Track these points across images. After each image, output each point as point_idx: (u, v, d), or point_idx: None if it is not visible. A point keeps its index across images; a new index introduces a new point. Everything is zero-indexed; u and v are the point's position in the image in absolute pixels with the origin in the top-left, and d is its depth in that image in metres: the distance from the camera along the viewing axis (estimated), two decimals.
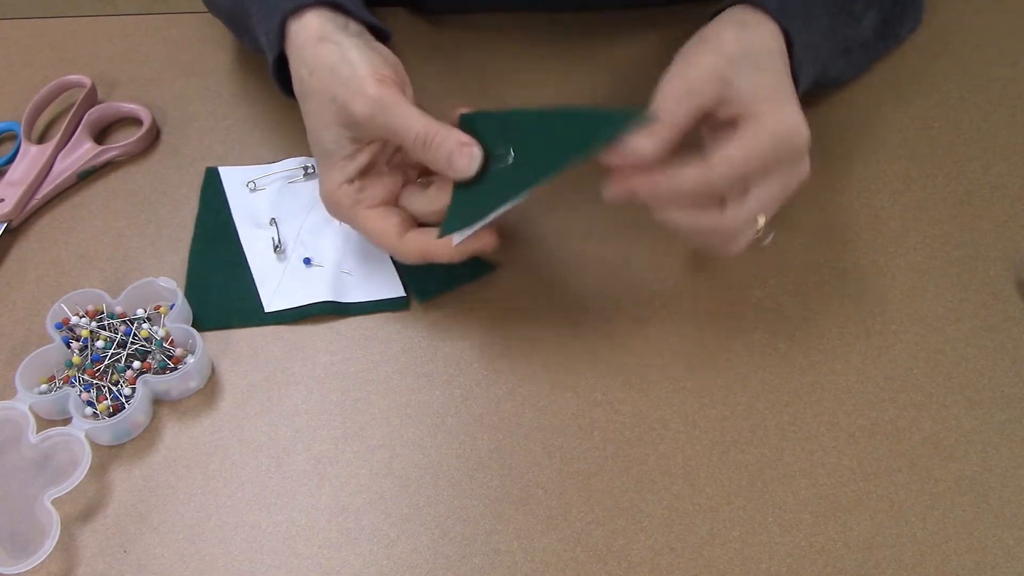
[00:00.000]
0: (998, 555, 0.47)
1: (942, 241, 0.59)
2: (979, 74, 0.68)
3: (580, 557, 0.47)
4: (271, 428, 0.52)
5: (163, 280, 0.55)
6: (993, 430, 0.51)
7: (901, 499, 0.49)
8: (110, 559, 0.47)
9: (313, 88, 0.51)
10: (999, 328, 0.55)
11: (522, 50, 0.69)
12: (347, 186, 0.52)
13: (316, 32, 0.52)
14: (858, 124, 0.65)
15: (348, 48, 0.51)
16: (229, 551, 0.48)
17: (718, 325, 0.55)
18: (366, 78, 0.50)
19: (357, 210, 0.53)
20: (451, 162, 0.49)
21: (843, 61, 0.61)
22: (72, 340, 0.53)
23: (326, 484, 0.50)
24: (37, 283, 0.58)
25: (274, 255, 0.58)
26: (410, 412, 0.52)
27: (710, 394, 0.53)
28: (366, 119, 0.50)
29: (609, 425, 0.52)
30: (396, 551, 0.48)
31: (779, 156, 0.48)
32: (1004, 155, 0.63)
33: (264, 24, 0.56)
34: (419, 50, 0.70)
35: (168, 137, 0.66)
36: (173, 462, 0.51)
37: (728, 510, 0.49)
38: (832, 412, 0.52)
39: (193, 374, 0.52)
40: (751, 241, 0.51)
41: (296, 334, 0.55)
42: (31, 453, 0.49)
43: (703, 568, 0.47)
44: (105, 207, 0.62)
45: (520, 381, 0.53)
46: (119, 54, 0.70)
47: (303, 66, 0.52)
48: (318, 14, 0.53)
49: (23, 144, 0.63)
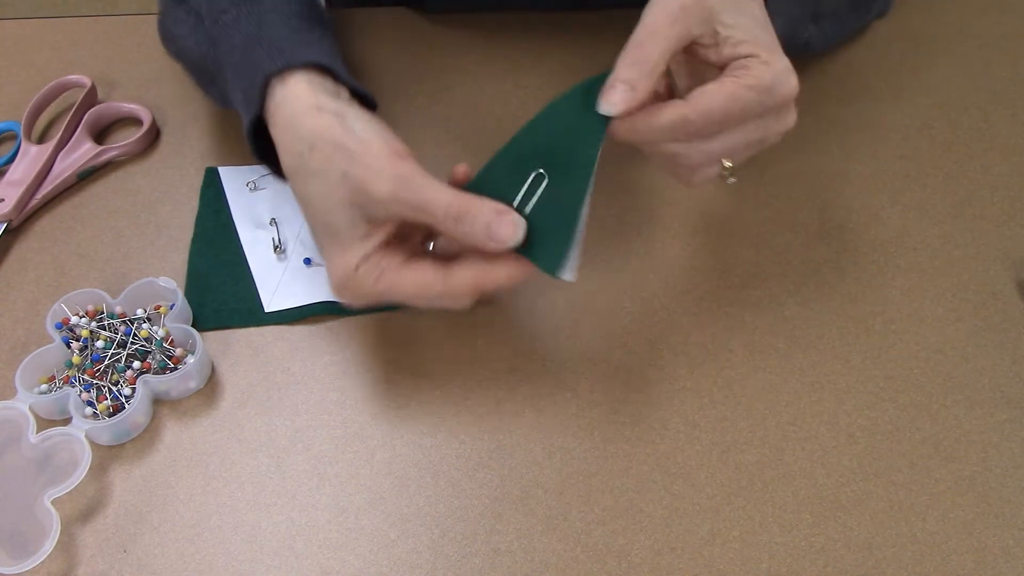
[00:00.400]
0: (998, 555, 0.47)
1: (942, 241, 0.59)
2: (979, 74, 0.68)
3: (580, 557, 0.47)
4: (271, 428, 0.52)
5: (163, 280, 0.55)
6: (993, 430, 0.51)
7: (901, 499, 0.49)
8: (110, 559, 0.47)
9: (316, 166, 0.47)
10: (999, 328, 0.55)
11: (522, 50, 0.69)
12: (364, 265, 0.47)
13: (309, 101, 0.48)
14: (858, 124, 0.65)
15: (352, 120, 0.47)
16: (229, 551, 0.48)
17: (718, 324, 0.55)
18: (382, 154, 0.46)
19: (384, 279, 0.47)
20: (491, 233, 0.45)
21: (814, 27, 0.60)
22: (72, 340, 0.53)
23: (326, 484, 0.50)
24: (37, 283, 0.58)
25: (274, 255, 0.58)
26: (410, 412, 0.52)
27: (710, 394, 0.53)
28: (389, 198, 0.45)
29: (609, 425, 0.52)
30: (396, 551, 0.48)
31: (763, 106, 0.46)
32: (1004, 155, 0.63)
33: (240, 80, 0.51)
34: (419, 50, 0.70)
35: (168, 137, 0.66)
36: (173, 462, 0.51)
37: (728, 510, 0.49)
38: (832, 412, 0.52)
39: (193, 374, 0.52)
40: (714, 178, 0.50)
41: (296, 334, 0.55)
42: (31, 453, 0.49)
43: (703, 568, 0.47)
44: (105, 207, 0.62)
45: (520, 381, 0.53)
46: (119, 54, 0.70)
47: (298, 141, 0.47)
48: (306, 78, 0.49)
49: (23, 144, 0.63)
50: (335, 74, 0.50)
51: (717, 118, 0.46)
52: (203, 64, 0.56)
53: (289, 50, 0.50)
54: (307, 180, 0.47)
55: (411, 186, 0.45)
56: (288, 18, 0.52)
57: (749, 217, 0.60)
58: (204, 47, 0.54)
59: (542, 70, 0.68)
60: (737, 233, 0.59)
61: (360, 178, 0.45)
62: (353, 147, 0.46)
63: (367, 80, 0.68)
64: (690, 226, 0.60)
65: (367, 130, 0.47)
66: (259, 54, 0.50)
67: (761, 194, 0.61)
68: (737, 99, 0.46)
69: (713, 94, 0.46)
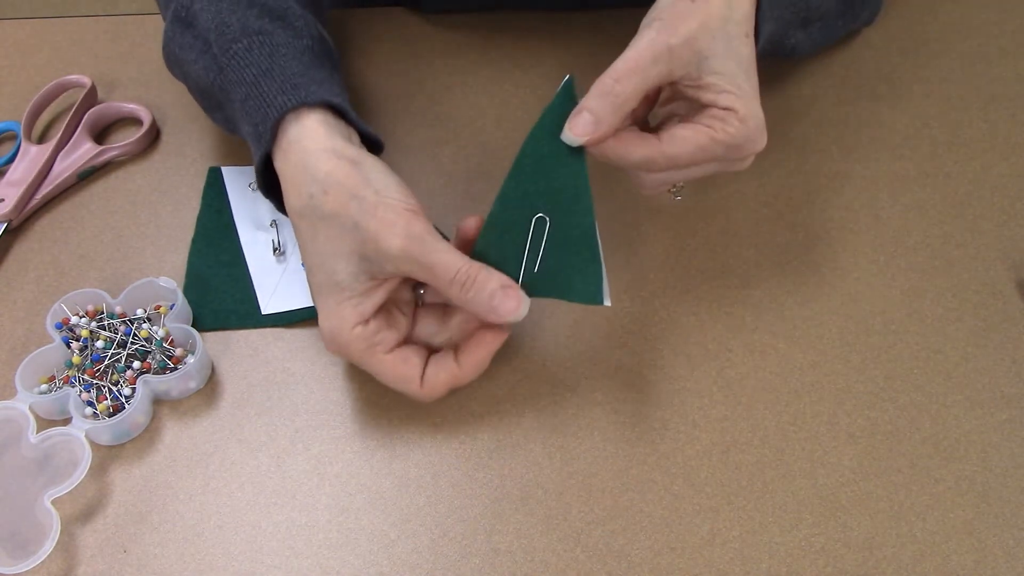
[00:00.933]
0: (998, 555, 0.47)
1: (942, 241, 0.59)
2: (979, 74, 0.68)
3: (580, 557, 0.47)
4: (271, 428, 0.52)
5: (163, 280, 0.55)
6: (993, 430, 0.51)
7: (901, 499, 0.49)
8: (110, 559, 0.47)
9: (328, 210, 0.46)
10: (999, 328, 0.55)
11: (522, 50, 0.69)
12: (361, 328, 0.47)
13: (324, 143, 0.48)
14: (858, 124, 0.65)
15: (369, 170, 0.47)
16: (229, 551, 0.48)
17: (718, 324, 0.55)
18: (398, 209, 0.45)
19: (373, 354, 0.48)
20: (493, 306, 0.46)
21: (801, 32, 0.60)
22: (72, 340, 0.53)
23: (326, 484, 0.50)
24: (37, 283, 0.58)
25: (273, 257, 0.58)
26: (410, 412, 0.52)
27: (710, 394, 0.53)
28: (400, 255, 0.45)
29: (609, 425, 0.52)
30: (396, 551, 0.48)
31: (729, 157, 0.49)
32: (1004, 155, 0.63)
33: (253, 115, 0.50)
34: (419, 50, 0.70)
35: (168, 137, 0.66)
36: (173, 462, 0.51)
37: (728, 510, 0.49)
38: (832, 412, 0.52)
39: (193, 374, 0.52)
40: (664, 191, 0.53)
41: (296, 334, 0.55)
42: (31, 453, 0.49)
43: (703, 568, 0.47)
44: (105, 207, 0.62)
45: (520, 381, 0.53)
46: (119, 54, 0.70)
47: (312, 182, 0.47)
48: (322, 118, 0.49)
49: (23, 144, 0.63)
50: (347, 115, 0.50)
51: (683, 163, 0.48)
52: (210, 91, 0.55)
53: (303, 87, 0.49)
54: (316, 224, 0.47)
55: (423, 247, 0.45)
56: (301, 53, 0.52)
57: (749, 217, 0.60)
58: (212, 75, 0.53)
59: (542, 70, 0.68)
60: (737, 233, 0.59)
61: (373, 231, 0.45)
62: (369, 198, 0.46)
63: (367, 80, 0.68)
64: (690, 226, 0.60)
65: (384, 182, 0.47)
66: (271, 88, 0.50)
67: (761, 194, 0.61)
68: (706, 150, 0.47)
69: (684, 142, 0.47)
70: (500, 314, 0.46)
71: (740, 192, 0.61)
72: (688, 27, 0.46)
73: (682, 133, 0.47)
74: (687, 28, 0.46)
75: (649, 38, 0.47)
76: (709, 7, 0.47)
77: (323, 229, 0.47)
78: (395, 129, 0.64)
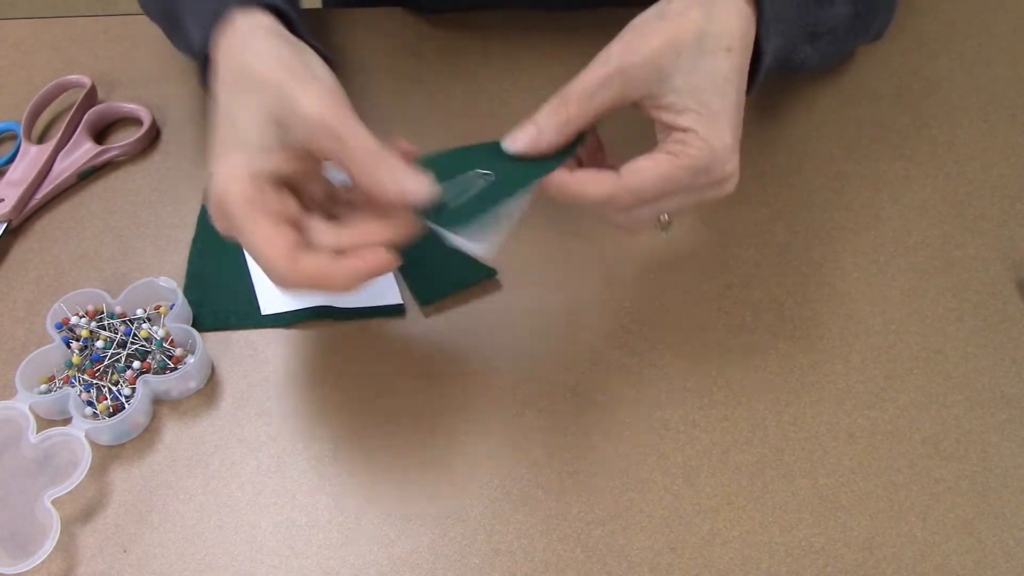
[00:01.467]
0: (998, 555, 0.47)
1: (942, 241, 0.59)
2: (979, 74, 0.68)
3: (580, 557, 0.47)
4: (271, 428, 0.52)
5: (163, 280, 0.55)
6: (993, 430, 0.51)
7: (901, 499, 0.49)
8: (110, 559, 0.47)
9: (258, 76, 0.44)
10: (999, 328, 0.55)
11: (522, 49, 0.69)
12: (247, 180, 0.43)
13: (271, 28, 0.47)
14: (859, 124, 0.65)
15: (309, 55, 0.46)
16: (229, 551, 0.48)
17: (718, 325, 0.55)
18: (332, 91, 0.44)
19: (252, 210, 0.43)
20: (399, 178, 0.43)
21: (810, 47, 0.59)
22: (72, 340, 0.53)
23: (326, 484, 0.50)
24: (37, 283, 0.58)
25: None
26: (410, 412, 0.52)
27: (710, 394, 0.53)
28: (315, 119, 0.43)
29: (609, 425, 0.52)
30: (396, 551, 0.48)
31: (697, 184, 0.46)
32: (1004, 155, 0.63)
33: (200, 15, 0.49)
34: (418, 50, 0.70)
35: (168, 137, 0.66)
36: (173, 462, 0.51)
37: (728, 510, 0.49)
38: (832, 412, 0.52)
39: (193, 374, 0.52)
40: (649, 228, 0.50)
41: (296, 335, 0.55)
42: (31, 453, 0.49)
43: (703, 568, 0.47)
44: (105, 207, 0.62)
45: (520, 381, 0.53)
46: (119, 54, 0.70)
47: (248, 50, 0.45)
48: (269, 20, 0.48)
49: (23, 144, 0.63)
50: (298, 30, 0.49)
51: (648, 197, 0.46)
52: (167, 6, 0.54)
53: None
54: (239, 94, 0.45)
55: (341, 119, 0.43)
56: None
57: (749, 217, 0.60)
58: None
59: (542, 70, 0.68)
60: (737, 233, 0.59)
61: (295, 96, 0.43)
62: (298, 70, 0.44)
63: (367, 80, 0.68)
64: (690, 226, 0.60)
65: (324, 73, 0.45)
66: None
67: (761, 194, 0.61)
68: (669, 180, 0.45)
69: (644, 173, 0.45)
70: (403, 187, 0.43)
71: (740, 192, 0.61)
72: (650, 46, 0.45)
73: (642, 164, 0.45)
74: (648, 47, 0.45)
75: (603, 59, 0.46)
76: (682, 22, 0.45)
77: (244, 95, 0.44)
78: (395, 129, 0.64)
